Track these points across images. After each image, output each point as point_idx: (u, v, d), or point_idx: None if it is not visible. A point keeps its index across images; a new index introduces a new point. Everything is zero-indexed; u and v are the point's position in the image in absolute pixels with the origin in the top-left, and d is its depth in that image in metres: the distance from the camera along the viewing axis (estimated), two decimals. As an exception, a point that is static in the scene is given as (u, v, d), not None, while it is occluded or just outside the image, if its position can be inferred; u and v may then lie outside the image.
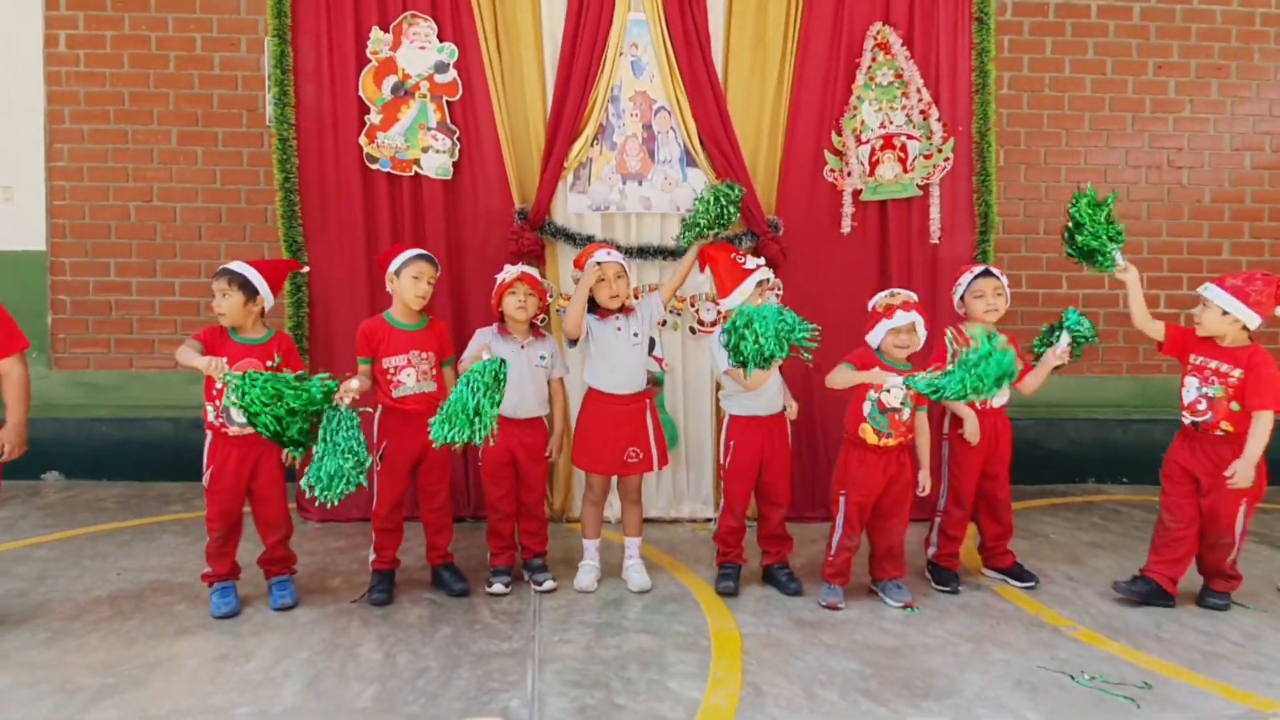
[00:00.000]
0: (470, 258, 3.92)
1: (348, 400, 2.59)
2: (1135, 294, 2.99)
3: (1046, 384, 3.08)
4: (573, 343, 3.08)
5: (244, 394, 2.45)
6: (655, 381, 3.83)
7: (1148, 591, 2.91)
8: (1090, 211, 2.92)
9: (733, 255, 3.11)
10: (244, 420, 2.62)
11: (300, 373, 2.60)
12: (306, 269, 3.53)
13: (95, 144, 4.76)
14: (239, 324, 2.80)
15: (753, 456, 3.03)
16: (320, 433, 2.53)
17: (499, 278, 3.05)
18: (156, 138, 4.77)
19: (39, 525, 3.78)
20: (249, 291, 2.80)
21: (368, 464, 2.56)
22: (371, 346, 2.94)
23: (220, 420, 2.75)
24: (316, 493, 2.48)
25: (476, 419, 2.45)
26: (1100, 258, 2.95)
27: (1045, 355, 3.04)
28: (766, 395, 3.02)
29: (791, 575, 3.07)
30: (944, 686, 2.33)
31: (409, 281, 2.91)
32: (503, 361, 2.56)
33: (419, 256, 2.96)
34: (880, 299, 2.96)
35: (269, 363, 2.79)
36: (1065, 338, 3.00)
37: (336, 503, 2.50)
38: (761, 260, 3.18)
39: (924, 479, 2.95)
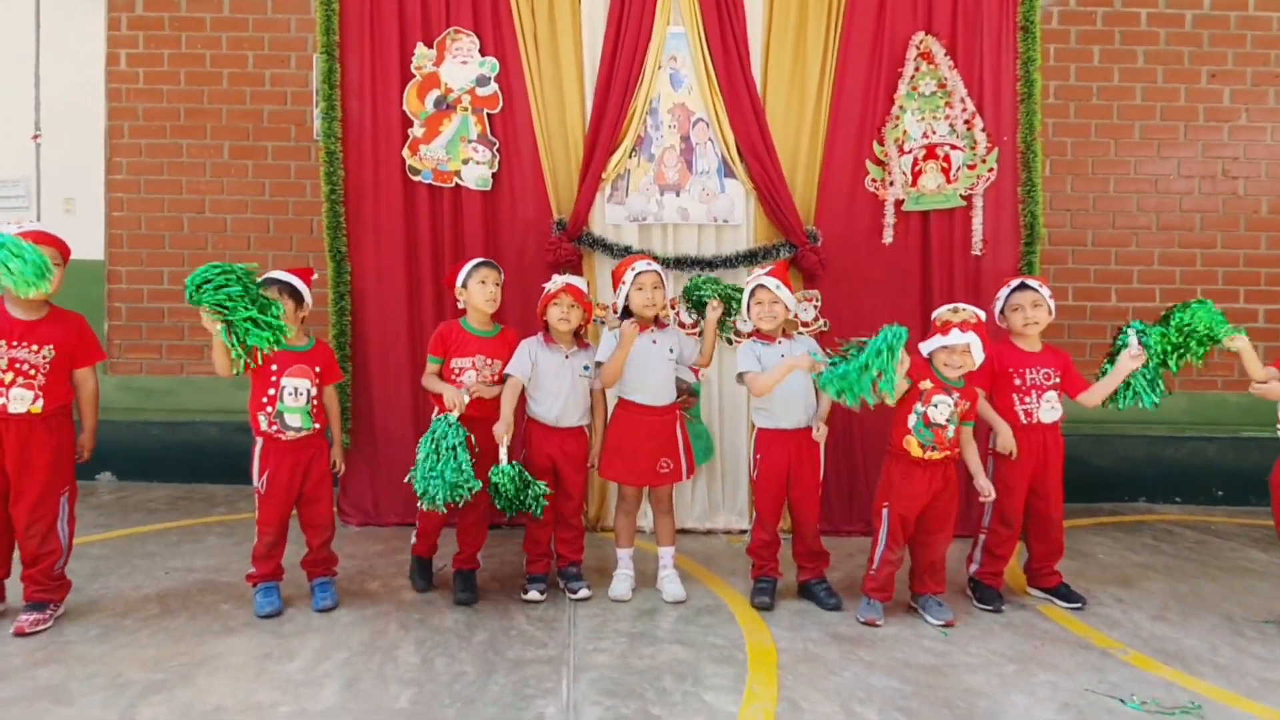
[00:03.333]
0: (508, 267, 3.91)
1: (456, 414, 2.85)
2: (1249, 360, 2.84)
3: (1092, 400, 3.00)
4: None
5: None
6: (691, 392, 3.83)
7: None
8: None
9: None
10: (299, 425, 2.79)
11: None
12: (316, 276, 3.56)
13: (152, 158, 4.94)
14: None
15: (779, 470, 3.00)
16: (429, 441, 2.81)
17: (546, 287, 3.09)
18: (209, 152, 4.94)
19: (93, 525, 3.90)
20: (297, 299, 2.89)
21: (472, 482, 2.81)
22: (444, 347, 3.05)
23: (275, 427, 2.82)
24: (426, 499, 2.78)
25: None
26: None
27: (1121, 358, 2.92)
28: (788, 407, 2.98)
29: (830, 590, 3.03)
30: (987, 707, 2.27)
31: (476, 287, 3.05)
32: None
33: (481, 264, 3.11)
34: (942, 312, 2.88)
35: (316, 368, 2.88)
36: (1133, 336, 2.90)
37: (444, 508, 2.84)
38: (759, 271, 3.15)
39: (983, 485, 2.89)
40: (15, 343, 2.61)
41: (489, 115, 3.90)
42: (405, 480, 2.86)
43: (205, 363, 4.97)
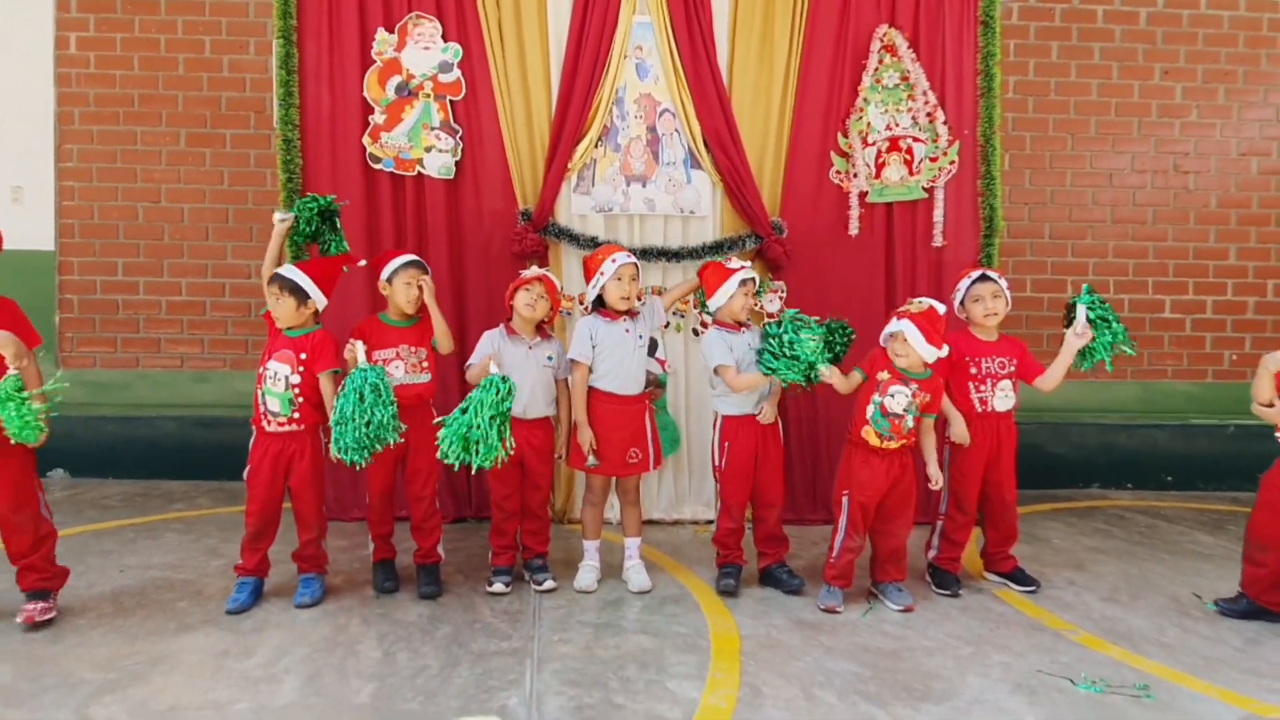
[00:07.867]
0: (472, 258, 3.93)
1: (360, 356, 2.77)
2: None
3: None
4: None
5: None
6: (658, 384, 3.85)
7: (1249, 610, 2.84)
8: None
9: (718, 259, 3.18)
10: (277, 410, 2.81)
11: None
12: (363, 263, 3.38)
13: (104, 145, 4.80)
14: (293, 326, 2.88)
15: (746, 456, 3.03)
16: (348, 389, 2.69)
17: (523, 273, 3.06)
18: (165, 139, 4.81)
19: (44, 522, 3.80)
20: (300, 296, 2.86)
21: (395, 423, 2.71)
22: (362, 337, 2.96)
23: (262, 410, 2.82)
24: (345, 455, 2.65)
25: (482, 445, 2.63)
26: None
27: (1066, 338, 2.95)
28: (752, 393, 3.03)
29: (791, 573, 3.07)
30: (943, 689, 2.32)
31: (401, 288, 2.99)
32: (505, 379, 2.70)
33: (409, 264, 3.02)
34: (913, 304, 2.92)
35: (301, 355, 2.84)
36: (1082, 312, 2.93)
37: (362, 463, 2.68)
38: (747, 263, 3.19)
39: (934, 473, 2.94)
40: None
41: (452, 102, 3.85)
42: (332, 452, 2.71)
43: (162, 356, 4.87)
